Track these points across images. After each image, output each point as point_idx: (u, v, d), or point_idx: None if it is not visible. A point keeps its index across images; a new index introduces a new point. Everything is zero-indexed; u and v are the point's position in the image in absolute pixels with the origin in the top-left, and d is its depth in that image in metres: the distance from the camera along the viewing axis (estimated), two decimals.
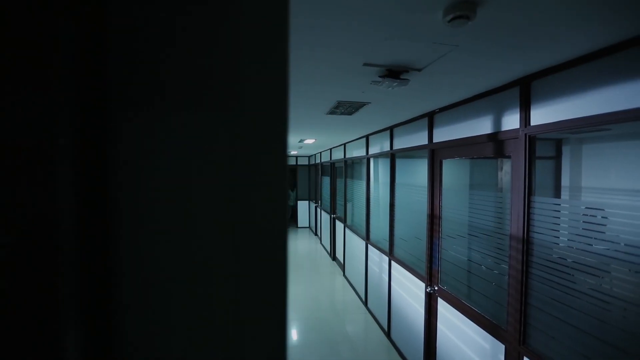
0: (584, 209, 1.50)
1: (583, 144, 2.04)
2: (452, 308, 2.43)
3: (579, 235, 1.47)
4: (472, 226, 2.27)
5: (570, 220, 1.51)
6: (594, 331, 1.39)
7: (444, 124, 2.55)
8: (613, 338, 1.32)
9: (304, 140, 5.25)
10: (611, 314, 1.32)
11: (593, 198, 1.85)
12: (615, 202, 1.48)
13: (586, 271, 1.43)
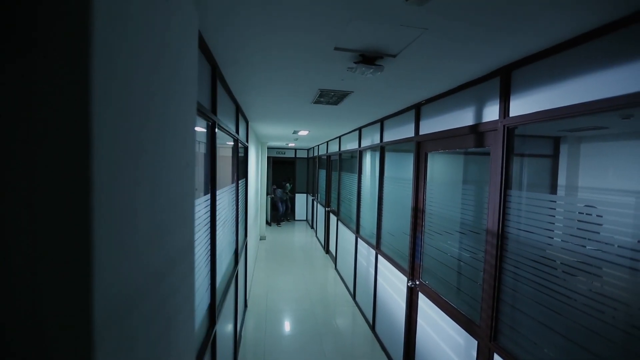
0: (563, 204, 1.45)
1: (582, 142, 1.97)
2: (431, 303, 2.40)
3: (552, 230, 1.41)
4: (453, 221, 2.23)
5: (547, 215, 1.46)
6: (565, 331, 1.35)
7: (429, 115, 2.49)
8: (584, 339, 1.28)
9: (297, 132, 5.20)
10: (584, 315, 1.28)
11: (584, 195, 1.79)
12: (596, 198, 1.43)
13: (560, 269, 1.39)
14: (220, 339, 2.12)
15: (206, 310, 1.73)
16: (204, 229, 1.63)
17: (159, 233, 0.48)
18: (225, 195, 2.29)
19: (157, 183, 0.47)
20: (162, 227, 0.49)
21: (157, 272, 0.48)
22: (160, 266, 0.49)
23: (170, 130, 0.52)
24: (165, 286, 0.52)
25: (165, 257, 0.51)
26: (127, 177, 0.39)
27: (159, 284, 0.49)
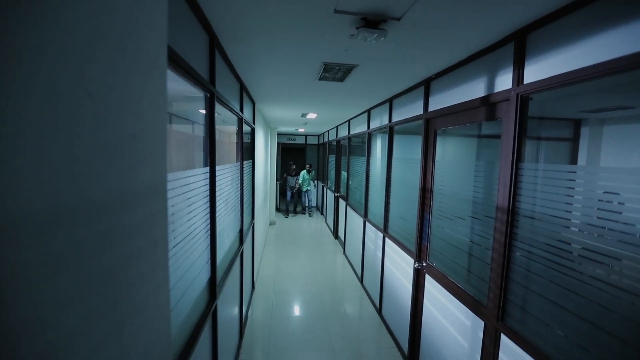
0: (583, 174, 1.34)
1: (604, 125, 1.83)
2: (438, 284, 2.34)
3: (571, 204, 1.32)
4: (462, 199, 2.14)
5: (565, 188, 1.36)
6: (575, 309, 1.27)
7: (439, 91, 2.37)
8: (594, 316, 1.20)
9: (306, 115, 5.12)
10: (594, 291, 1.20)
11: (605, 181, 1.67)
12: (611, 176, 1.32)
13: (576, 249, 1.30)
14: (223, 314, 2.12)
15: (206, 284, 1.72)
16: (203, 202, 1.60)
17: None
18: (227, 172, 2.26)
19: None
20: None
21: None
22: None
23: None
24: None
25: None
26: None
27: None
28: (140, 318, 0.54)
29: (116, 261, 0.47)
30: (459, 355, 2.05)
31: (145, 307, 0.56)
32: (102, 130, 0.42)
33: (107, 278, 0.45)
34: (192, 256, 1.45)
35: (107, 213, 0.43)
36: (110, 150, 0.43)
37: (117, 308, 0.47)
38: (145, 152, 0.51)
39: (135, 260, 0.52)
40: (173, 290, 1.22)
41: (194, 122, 1.67)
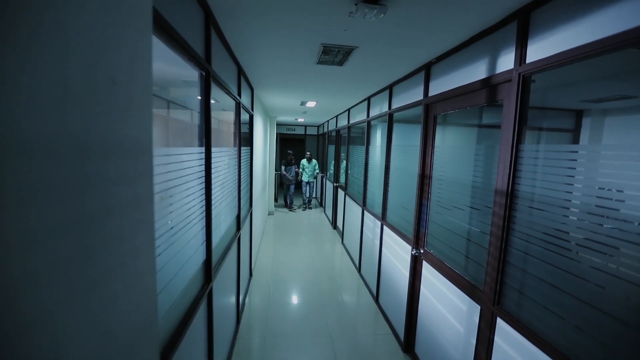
0: (585, 153, 1.32)
1: (606, 115, 1.80)
2: (435, 271, 2.33)
3: (572, 184, 1.30)
4: (461, 185, 2.12)
5: (566, 168, 1.33)
6: (572, 290, 1.26)
7: (440, 74, 2.33)
8: (590, 296, 1.19)
9: (305, 103, 5.07)
10: (592, 272, 1.18)
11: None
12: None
13: (574, 229, 1.28)
14: (218, 298, 2.12)
15: (201, 265, 1.70)
16: (198, 182, 1.58)
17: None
18: (224, 156, 2.23)
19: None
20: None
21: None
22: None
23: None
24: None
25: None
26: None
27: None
28: (127, 295, 0.53)
29: (98, 208, 0.45)
30: (455, 340, 2.05)
31: (134, 285, 0.54)
32: (74, 71, 0.39)
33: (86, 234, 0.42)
34: (186, 235, 1.43)
35: (89, 157, 0.41)
36: (85, 94, 0.40)
37: (104, 283, 0.45)
38: (127, 101, 0.49)
39: (118, 214, 0.49)
40: (167, 266, 1.21)
41: (190, 109, 1.64)
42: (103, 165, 0.44)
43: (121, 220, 0.50)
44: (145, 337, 0.62)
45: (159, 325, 1.14)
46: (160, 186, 1.14)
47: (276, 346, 2.81)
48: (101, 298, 0.46)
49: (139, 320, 0.58)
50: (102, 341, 0.46)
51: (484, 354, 1.73)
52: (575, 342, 1.23)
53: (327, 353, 2.73)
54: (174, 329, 1.29)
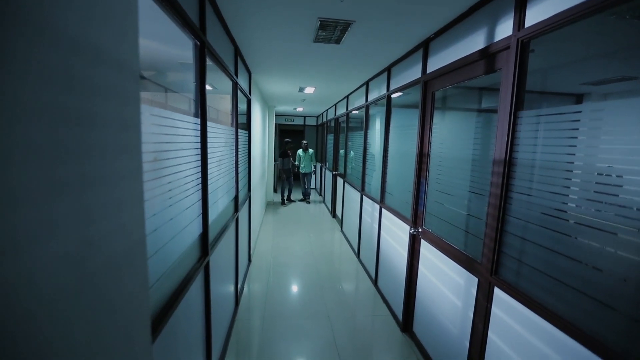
0: (588, 112, 1.30)
1: (607, 99, 1.77)
2: (433, 248, 2.33)
3: (575, 146, 1.28)
4: (460, 159, 2.11)
5: (567, 130, 1.31)
6: (570, 252, 1.25)
7: (438, 50, 2.31)
8: (587, 256, 1.18)
9: (304, 89, 5.03)
10: (588, 231, 1.17)
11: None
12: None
13: (572, 190, 1.27)
14: (216, 274, 2.12)
15: (197, 237, 1.70)
16: (193, 152, 1.57)
17: None
18: (220, 133, 2.21)
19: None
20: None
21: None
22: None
23: None
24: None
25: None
26: None
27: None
28: (116, 262, 0.51)
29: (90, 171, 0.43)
30: (453, 315, 2.05)
31: (124, 256, 0.53)
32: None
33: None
34: (180, 204, 1.42)
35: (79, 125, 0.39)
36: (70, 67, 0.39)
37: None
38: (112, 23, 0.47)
39: (100, 159, 0.48)
40: (161, 231, 1.20)
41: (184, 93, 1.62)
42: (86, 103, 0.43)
43: (104, 168, 0.49)
44: (135, 298, 0.61)
45: (151, 287, 1.14)
46: (154, 146, 1.13)
47: (275, 326, 2.82)
48: (95, 260, 0.45)
49: (129, 283, 0.57)
50: (91, 304, 0.45)
51: (481, 325, 1.73)
52: (572, 304, 1.23)
53: (326, 333, 2.74)
54: (168, 296, 1.29)
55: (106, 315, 0.49)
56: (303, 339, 2.66)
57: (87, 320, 0.45)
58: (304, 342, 2.62)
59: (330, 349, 2.54)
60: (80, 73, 0.43)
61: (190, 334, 1.56)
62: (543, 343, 1.32)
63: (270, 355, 2.44)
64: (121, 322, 0.54)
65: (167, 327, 1.20)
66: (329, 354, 2.47)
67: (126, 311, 0.57)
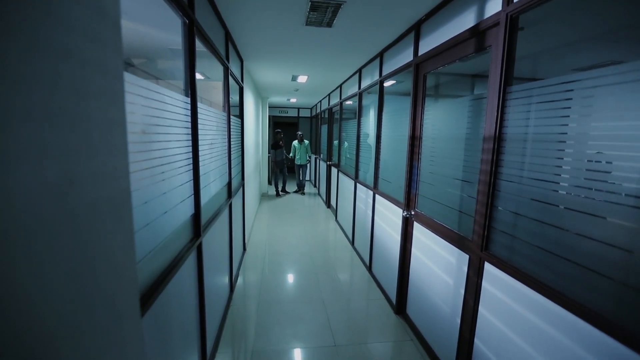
0: (562, 84, 1.31)
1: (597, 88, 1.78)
2: (425, 229, 2.35)
3: (563, 116, 1.30)
4: (452, 139, 2.12)
5: (559, 101, 1.33)
6: (558, 222, 1.27)
7: (430, 32, 2.30)
8: (573, 224, 1.20)
9: (297, 78, 5.00)
10: (578, 201, 1.19)
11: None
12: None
13: (557, 160, 1.29)
14: (209, 256, 2.12)
15: (190, 218, 1.69)
16: (184, 130, 1.55)
17: None
18: (211, 116, 2.19)
19: None
20: None
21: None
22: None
23: None
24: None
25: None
26: None
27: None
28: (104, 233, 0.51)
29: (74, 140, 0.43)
30: (445, 293, 2.08)
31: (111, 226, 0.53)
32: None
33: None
34: (171, 181, 1.41)
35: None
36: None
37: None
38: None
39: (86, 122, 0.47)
40: (151, 205, 1.19)
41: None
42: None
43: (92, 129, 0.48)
44: (120, 250, 0.61)
45: (141, 260, 1.13)
46: (142, 119, 1.12)
47: (270, 311, 2.83)
48: (75, 197, 0.45)
49: (113, 231, 0.57)
50: (71, 243, 0.45)
51: (472, 301, 1.76)
52: (559, 273, 1.25)
53: (321, 317, 2.76)
54: (159, 271, 1.28)
55: (87, 261, 0.49)
56: (298, 322, 2.68)
57: (67, 259, 0.44)
58: (299, 325, 2.64)
59: (324, 332, 2.56)
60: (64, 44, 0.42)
61: (183, 313, 1.57)
62: (531, 312, 1.35)
63: (265, 338, 2.45)
64: (105, 272, 0.54)
65: (158, 301, 1.21)
66: (324, 337, 2.50)
67: (111, 263, 0.57)
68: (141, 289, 1.11)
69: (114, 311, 0.58)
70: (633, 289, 1.00)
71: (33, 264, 0.38)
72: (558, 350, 1.22)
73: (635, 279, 1.00)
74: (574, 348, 1.15)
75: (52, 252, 0.41)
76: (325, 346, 2.39)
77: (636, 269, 1.00)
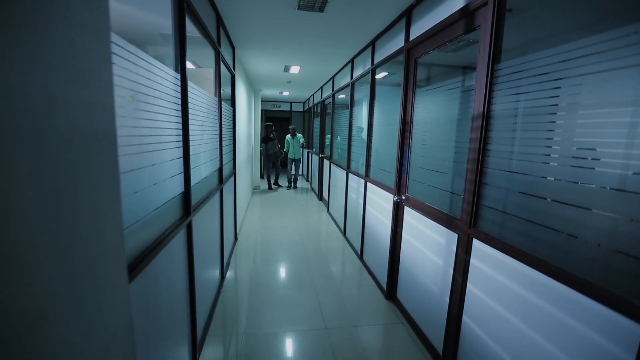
0: (551, 56, 1.33)
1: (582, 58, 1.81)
2: (416, 212, 2.37)
3: (554, 88, 1.32)
4: (442, 121, 2.14)
5: (545, 74, 1.35)
6: (545, 193, 1.29)
7: (421, 17, 2.32)
8: (555, 194, 1.23)
9: (289, 68, 4.99)
10: (566, 171, 1.22)
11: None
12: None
13: (539, 129, 1.31)
14: (199, 239, 2.11)
15: (179, 195, 1.68)
16: (173, 105, 1.54)
17: None
18: (202, 97, 2.18)
19: None
20: None
21: None
22: None
23: None
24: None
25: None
26: None
27: None
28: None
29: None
30: (434, 274, 2.11)
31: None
32: None
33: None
34: (160, 153, 1.40)
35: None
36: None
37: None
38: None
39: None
40: (138, 173, 1.18)
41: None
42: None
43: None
44: (105, 186, 0.60)
45: (129, 227, 1.13)
46: (128, 84, 1.11)
47: (261, 297, 2.84)
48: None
49: (98, 170, 0.56)
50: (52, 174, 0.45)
51: (460, 278, 1.78)
52: (546, 243, 1.28)
53: (312, 302, 2.78)
54: (148, 242, 1.28)
55: (69, 195, 0.49)
56: (290, 307, 2.69)
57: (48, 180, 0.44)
58: (291, 309, 2.65)
59: (316, 316, 2.58)
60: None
61: (173, 289, 1.56)
62: (518, 284, 1.38)
63: (256, 322, 2.46)
64: (89, 206, 0.54)
65: (146, 270, 1.20)
66: (315, 320, 2.51)
67: (94, 198, 0.56)
68: (129, 256, 1.10)
69: (98, 262, 0.57)
70: (620, 253, 1.03)
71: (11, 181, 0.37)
72: (544, 319, 1.25)
73: (622, 244, 1.03)
74: (560, 315, 1.18)
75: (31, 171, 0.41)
76: (317, 329, 2.40)
77: (622, 234, 1.03)
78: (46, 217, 0.43)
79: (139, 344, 1.12)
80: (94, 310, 0.55)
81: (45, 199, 0.43)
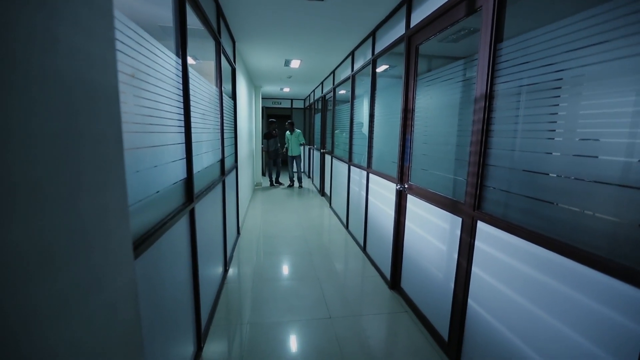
0: (551, 32, 1.31)
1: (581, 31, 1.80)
2: (419, 200, 2.36)
3: (553, 64, 1.31)
4: (445, 106, 2.13)
5: (546, 49, 1.33)
6: (550, 169, 1.28)
7: (422, 1, 2.30)
8: (559, 169, 1.22)
9: (290, 62, 4.98)
10: (569, 145, 1.20)
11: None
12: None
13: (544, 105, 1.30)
14: (202, 226, 2.10)
15: (182, 182, 1.68)
16: (175, 90, 1.54)
17: None
18: (203, 85, 2.17)
19: None
20: None
21: None
22: None
23: None
24: None
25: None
26: None
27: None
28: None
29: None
30: (438, 261, 2.09)
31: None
32: None
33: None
34: (162, 136, 1.39)
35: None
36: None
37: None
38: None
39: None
40: (140, 153, 1.18)
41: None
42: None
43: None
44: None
45: (133, 205, 1.12)
46: (131, 62, 1.10)
47: (265, 288, 2.83)
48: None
49: (100, 125, 0.56)
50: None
51: (465, 262, 1.77)
52: (551, 219, 1.27)
53: (316, 293, 2.77)
54: (151, 224, 1.27)
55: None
56: (293, 297, 2.68)
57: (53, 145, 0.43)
58: (294, 300, 2.64)
59: (320, 305, 2.57)
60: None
61: (177, 273, 1.56)
62: (523, 262, 1.37)
63: (260, 312, 2.45)
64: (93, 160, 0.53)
65: (150, 250, 1.20)
66: (319, 310, 2.50)
67: (99, 151, 0.56)
68: (133, 234, 1.10)
69: (104, 227, 0.57)
70: (626, 225, 1.02)
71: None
72: (552, 297, 1.24)
73: (627, 214, 1.01)
74: (569, 292, 1.17)
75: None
76: (321, 318, 2.40)
77: (626, 203, 1.02)
78: (48, 153, 0.42)
79: (143, 331, 1.11)
80: (97, 275, 0.54)
81: (48, 143, 0.42)
